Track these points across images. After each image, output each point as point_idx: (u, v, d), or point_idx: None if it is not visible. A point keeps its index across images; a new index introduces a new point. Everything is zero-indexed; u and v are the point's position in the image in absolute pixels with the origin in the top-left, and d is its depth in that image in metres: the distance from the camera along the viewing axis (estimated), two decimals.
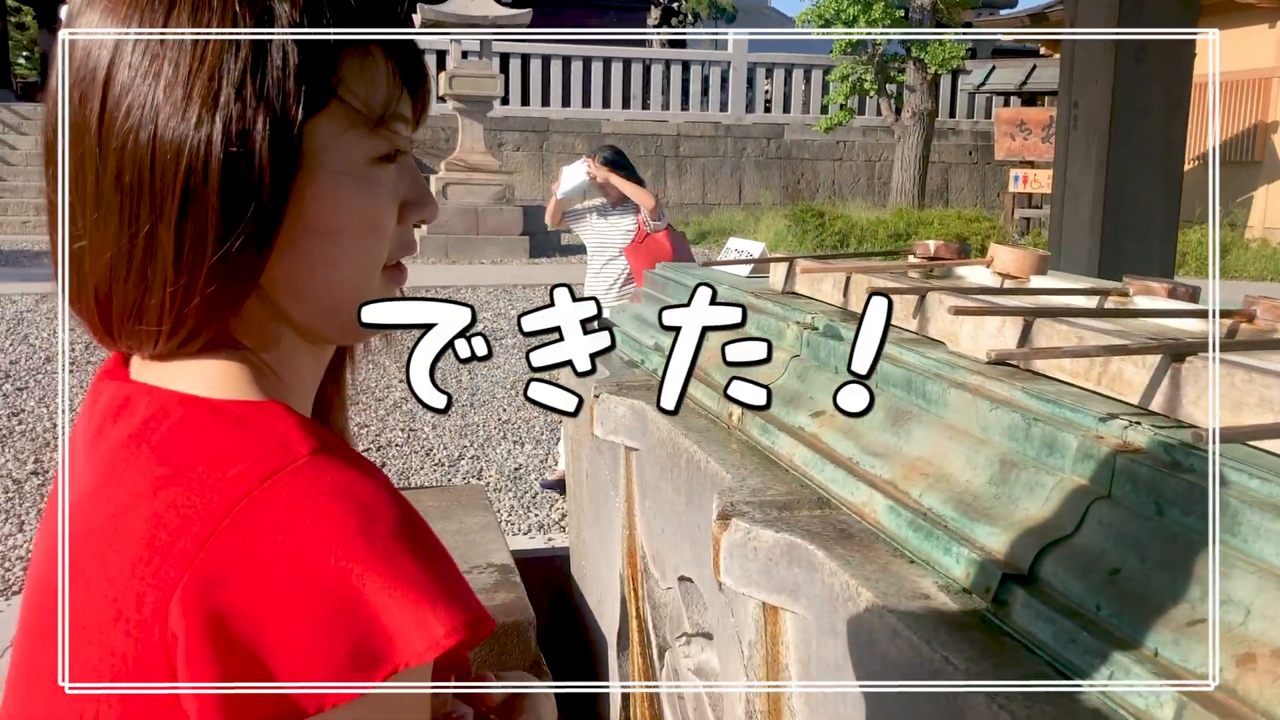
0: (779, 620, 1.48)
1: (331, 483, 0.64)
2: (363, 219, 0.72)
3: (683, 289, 2.53)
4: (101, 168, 0.67)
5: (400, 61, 0.73)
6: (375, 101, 0.71)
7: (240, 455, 0.64)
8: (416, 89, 0.75)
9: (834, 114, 16.47)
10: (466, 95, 13.52)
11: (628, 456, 2.24)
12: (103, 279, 0.69)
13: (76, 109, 0.68)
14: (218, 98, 0.65)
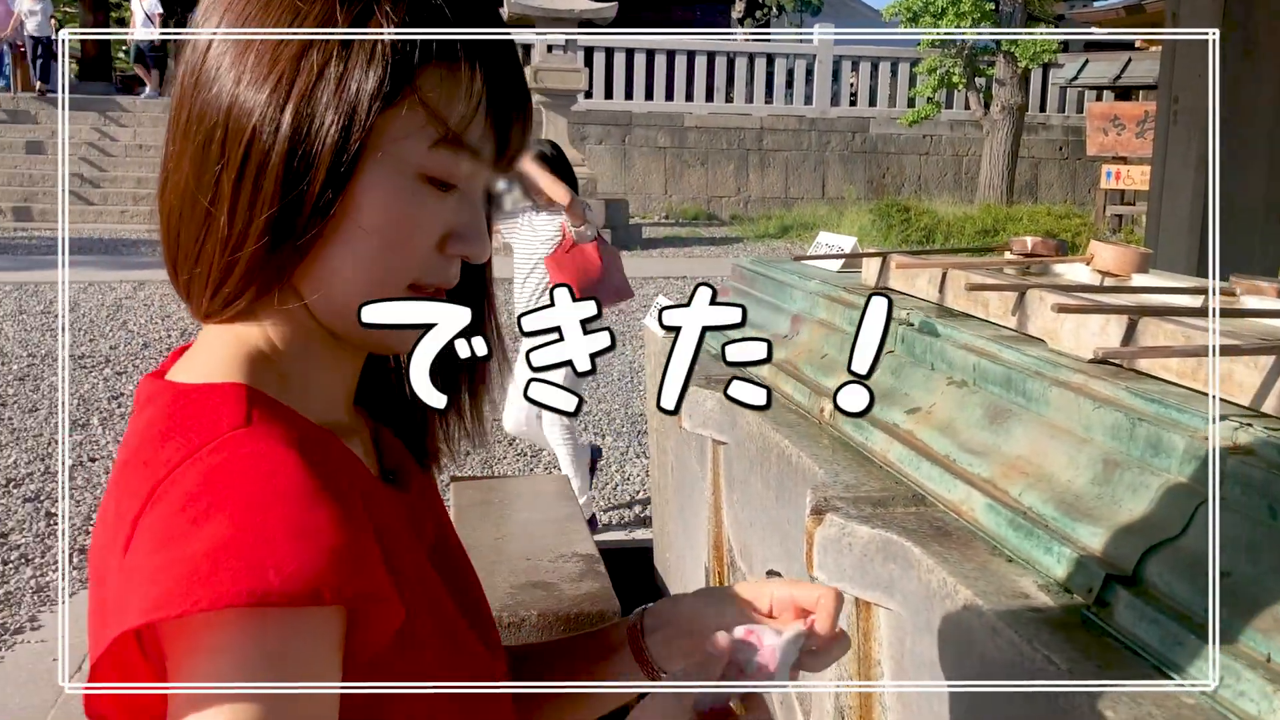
0: (871, 616, 1.47)
1: (239, 455, 0.67)
2: (393, 229, 0.73)
3: (773, 284, 2.53)
4: (191, 108, 0.74)
5: (493, 93, 0.74)
6: (447, 118, 0.72)
7: (177, 435, 0.69)
8: (505, 128, 0.75)
9: (921, 107, 16.25)
10: (551, 89, 13.61)
11: (715, 450, 2.25)
12: (174, 211, 0.75)
13: (186, 56, 0.75)
14: (296, 76, 0.70)
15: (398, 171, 0.72)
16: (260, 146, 0.71)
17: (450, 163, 0.74)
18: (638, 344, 8.40)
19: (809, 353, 2.12)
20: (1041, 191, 17.71)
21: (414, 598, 0.75)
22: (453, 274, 0.78)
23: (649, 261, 12.99)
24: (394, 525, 0.78)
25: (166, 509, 0.66)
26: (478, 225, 0.78)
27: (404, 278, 0.75)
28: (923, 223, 13.32)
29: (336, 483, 0.70)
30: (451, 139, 0.73)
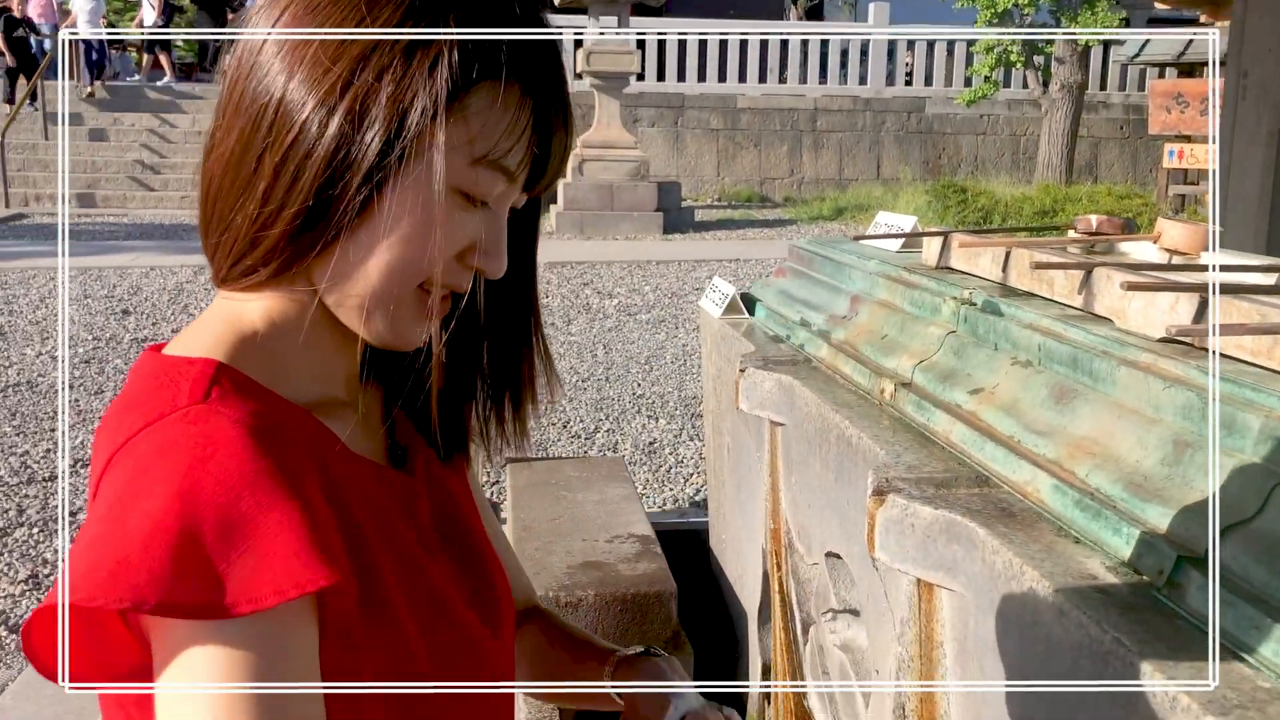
0: (934, 597, 1.46)
1: (195, 431, 0.69)
2: (418, 236, 0.75)
3: (831, 264, 2.51)
4: (246, 88, 0.75)
5: (539, 122, 0.76)
6: (488, 138, 0.75)
7: (142, 405, 0.72)
8: (545, 157, 0.78)
9: (978, 87, 16.02)
10: (604, 72, 13.60)
11: (773, 431, 2.24)
12: (214, 179, 0.77)
13: (246, 44, 0.77)
14: (353, 79, 0.72)
15: (433, 181, 0.74)
16: (306, 140, 0.73)
17: (487, 181, 0.76)
18: (690, 327, 8.39)
19: (869, 333, 2.10)
20: (1101, 171, 17.40)
21: (390, 571, 0.77)
22: (465, 282, 0.80)
23: (702, 244, 12.95)
24: (376, 500, 0.80)
25: (118, 478, 0.68)
26: (499, 242, 0.80)
27: (416, 280, 0.77)
28: (980, 203, 13.15)
29: (290, 462, 0.71)
30: (492, 160, 0.75)
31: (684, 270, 10.97)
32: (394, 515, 0.82)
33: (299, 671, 0.68)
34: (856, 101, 17.26)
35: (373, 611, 0.75)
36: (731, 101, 17.05)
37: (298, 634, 0.68)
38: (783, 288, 2.71)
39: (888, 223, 2.53)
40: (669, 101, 16.99)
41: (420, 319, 0.79)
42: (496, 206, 0.79)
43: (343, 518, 0.74)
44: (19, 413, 6.06)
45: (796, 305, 2.52)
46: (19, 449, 5.50)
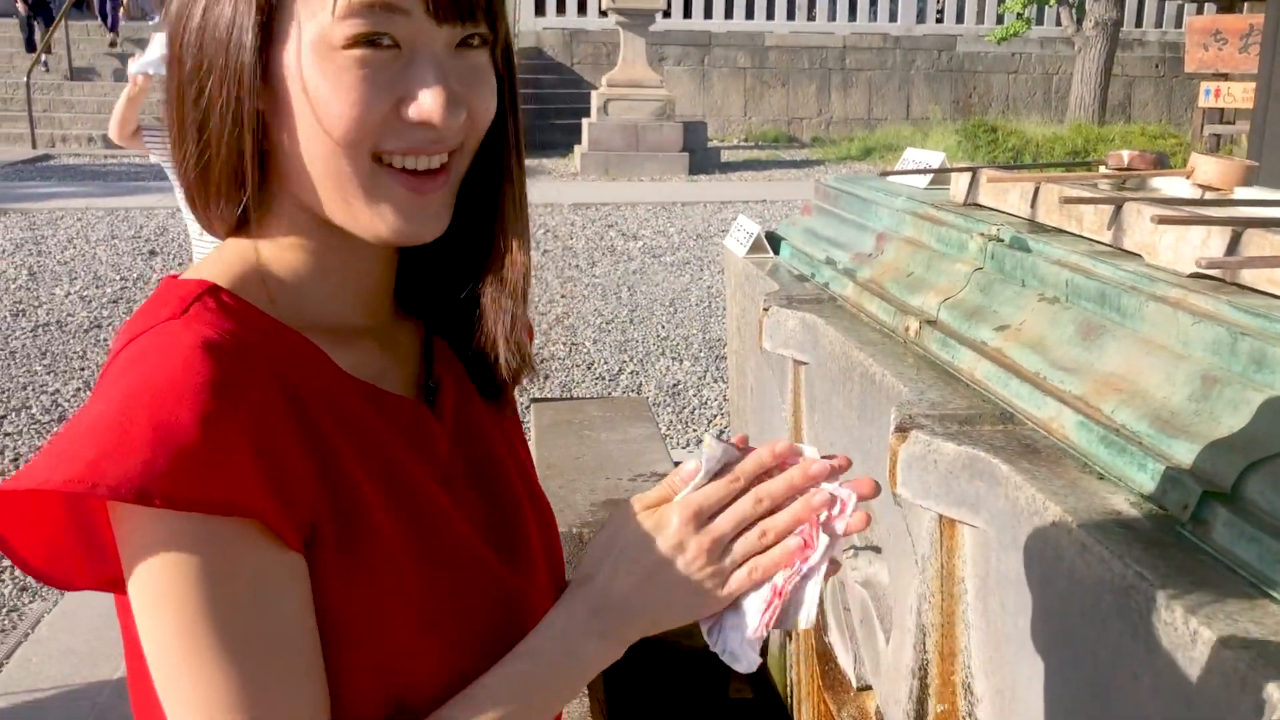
0: (956, 533, 1.46)
1: (159, 343, 0.71)
2: (323, 102, 0.72)
3: (857, 201, 2.48)
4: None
5: None
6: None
7: (138, 319, 0.75)
8: None
9: (1010, 24, 15.72)
10: (629, 9, 13.43)
11: (796, 370, 2.23)
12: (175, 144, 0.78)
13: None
14: None
15: (316, 44, 0.71)
16: (187, 44, 0.74)
17: (364, 24, 0.71)
18: (715, 269, 8.35)
19: (894, 271, 2.08)
20: (1135, 111, 17.11)
21: (373, 492, 0.76)
22: (422, 138, 0.75)
23: (728, 185, 12.86)
24: (369, 425, 0.79)
25: (98, 384, 0.73)
26: (427, 85, 0.73)
27: (361, 145, 0.73)
28: (1011, 143, 12.98)
29: (241, 379, 0.71)
30: (355, 9, 0.70)
31: (710, 211, 10.90)
32: (391, 442, 0.80)
33: (241, 592, 0.69)
34: (886, 39, 16.99)
35: (352, 533, 0.74)
36: (759, 39, 16.82)
37: (237, 555, 0.69)
38: (809, 226, 2.68)
39: (915, 159, 2.50)
40: (695, 40, 16.78)
41: (403, 199, 0.76)
42: (410, 47, 0.73)
43: (313, 440, 0.74)
44: (49, 352, 6.12)
45: (822, 243, 2.50)
46: (50, 387, 5.57)
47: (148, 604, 0.69)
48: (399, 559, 0.77)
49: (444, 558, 0.80)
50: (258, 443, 0.69)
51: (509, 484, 0.91)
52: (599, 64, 16.08)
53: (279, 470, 0.70)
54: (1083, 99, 15.33)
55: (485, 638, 0.81)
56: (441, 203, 0.78)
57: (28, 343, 6.26)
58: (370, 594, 0.75)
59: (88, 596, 3.26)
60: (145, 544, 0.68)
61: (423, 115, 0.73)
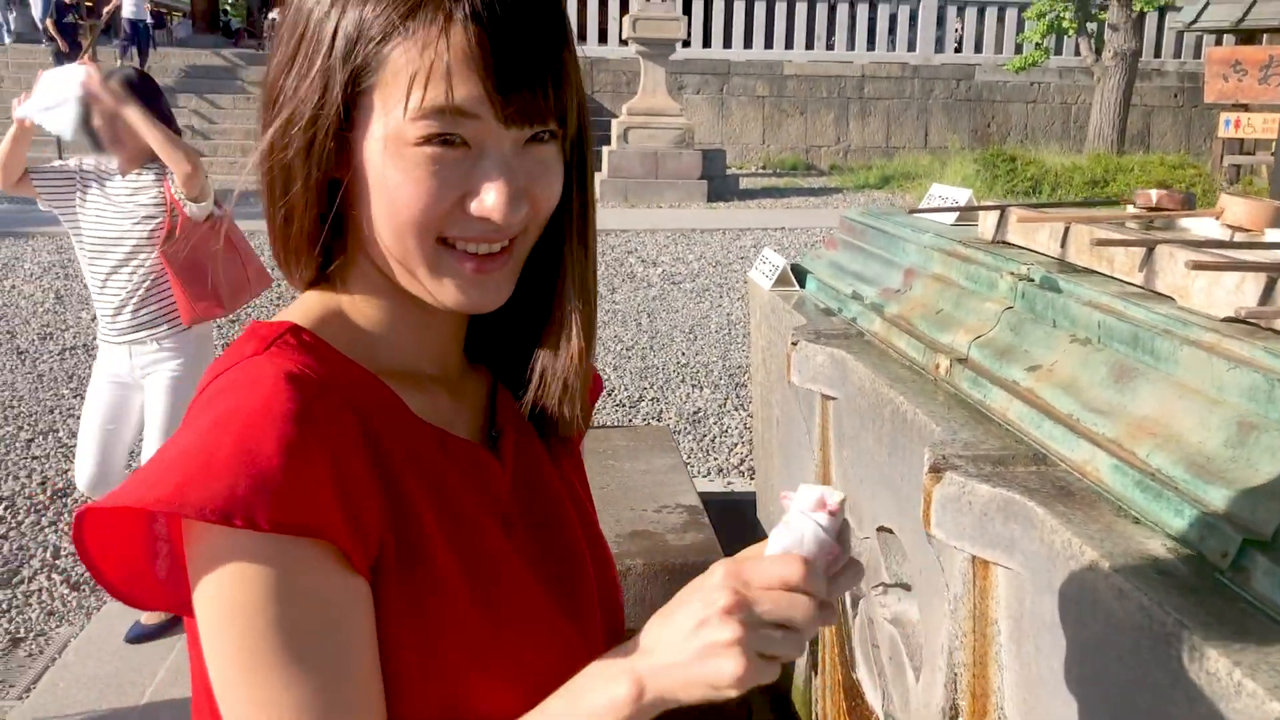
0: (989, 575, 1.46)
1: (245, 377, 0.76)
2: (395, 189, 0.76)
3: (884, 236, 2.50)
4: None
5: (474, 51, 0.73)
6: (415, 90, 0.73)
7: (227, 355, 0.81)
8: (507, 85, 0.74)
9: (1029, 54, 15.76)
10: (649, 38, 13.53)
11: (824, 405, 2.24)
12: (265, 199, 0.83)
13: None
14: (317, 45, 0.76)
15: (391, 137, 0.75)
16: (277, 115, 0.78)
17: (436, 125, 0.74)
18: (734, 296, 8.37)
19: (923, 307, 2.09)
20: (1154, 141, 17.10)
21: (438, 529, 0.79)
22: (484, 230, 0.78)
23: (746, 212, 12.89)
24: (435, 466, 0.82)
25: (188, 414, 0.77)
26: (492, 184, 0.76)
27: (427, 232, 0.77)
28: (1029, 173, 12.97)
29: (320, 411, 0.74)
30: (428, 112, 0.74)
31: (728, 238, 10.93)
32: (456, 483, 0.83)
33: (310, 612, 0.72)
34: (905, 68, 17.05)
35: (413, 564, 0.77)
36: (778, 68, 16.90)
37: (308, 575, 0.72)
38: (834, 260, 2.70)
39: (942, 195, 2.52)
40: (715, 68, 16.87)
41: (465, 276, 0.80)
42: (478, 146, 0.76)
43: (383, 471, 0.77)
44: (75, 375, 6.17)
45: (848, 278, 2.51)
46: (76, 411, 5.60)
47: (215, 620, 0.72)
48: (457, 594, 0.79)
49: (501, 597, 0.82)
50: (334, 470, 0.73)
51: (568, 528, 0.94)
52: (619, 92, 16.19)
53: (352, 497, 0.74)
54: (1101, 129, 15.33)
55: (538, 678, 0.82)
56: (503, 278, 0.82)
57: (54, 366, 6.31)
58: (427, 625, 0.77)
59: (113, 624, 3.28)
60: (219, 561, 0.71)
61: (485, 212, 0.77)
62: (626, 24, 13.48)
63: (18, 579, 3.91)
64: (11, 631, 3.57)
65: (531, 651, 0.83)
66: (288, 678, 0.70)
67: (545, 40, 0.76)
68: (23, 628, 3.60)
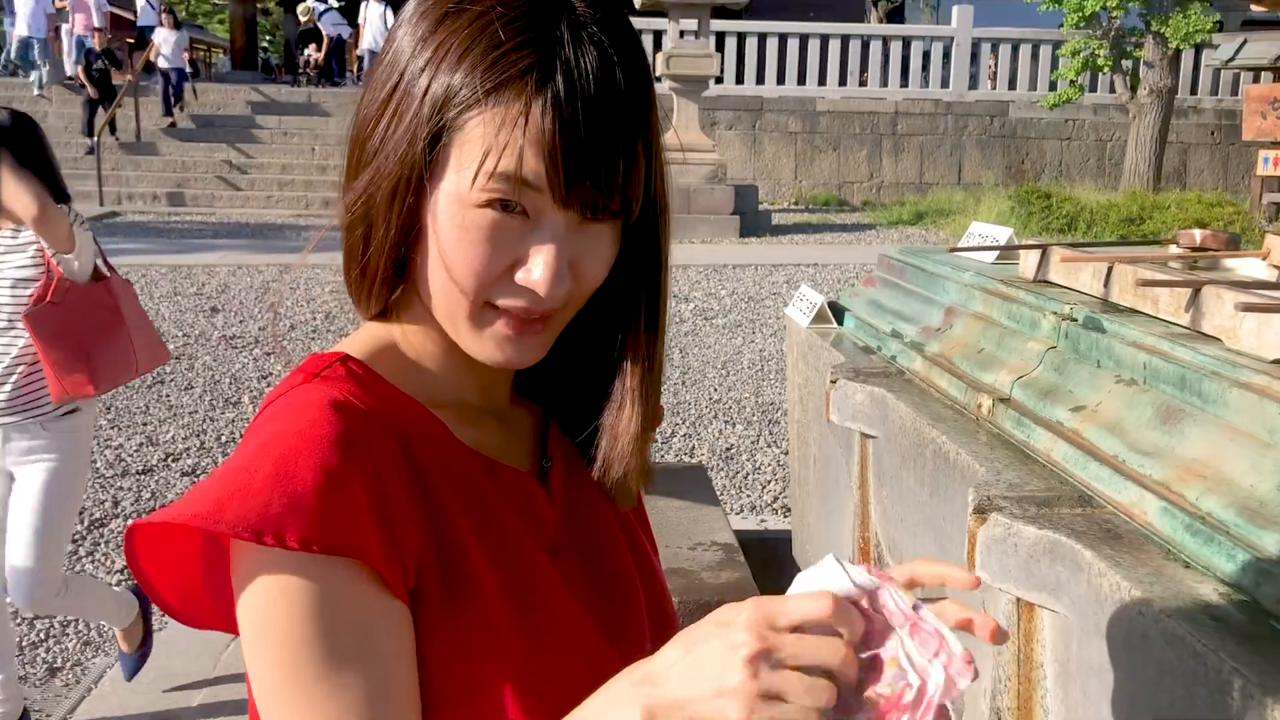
0: (1034, 617, 1.45)
1: (294, 402, 0.79)
2: (450, 248, 0.79)
3: (923, 274, 2.49)
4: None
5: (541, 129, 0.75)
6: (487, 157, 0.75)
7: (281, 385, 0.83)
8: (572, 166, 0.76)
9: (1063, 90, 15.71)
10: (683, 75, 13.61)
11: (863, 444, 2.23)
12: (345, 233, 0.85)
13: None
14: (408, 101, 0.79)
15: (454, 194, 0.77)
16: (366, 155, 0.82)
17: (499, 191, 0.76)
18: (767, 332, 8.36)
19: (964, 346, 2.08)
20: (1190, 178, 16.99)
21: (481, 555, 0.80)
22: (527, 300, 0.80)
23: (779, 248, 12.90)
24: (480, 493, 0.84)
25: (241, 439, 0.80)
26: (541, 257, 0.78)
27: (476, 294, 0.80)
28: (1065, 210, 12.90)
29: (362, 437, 0.77)
30: (494, 176, 0.76)
31: (761, 274, 10.93)
32: (503, 511, 0.85)
33: (345, 631, 0.73)
34: (938, 105, 17.06)
35: (455, 590, 0.79)
36: (810, 104, 16.95)
37: (343, 595, 0.73)
38: (872, 297, 2.69)
39: (982, 233, 2.51)
40: (747, 104, 16.95)
41: (503, 336, 0.82)
42: (535, 216, 0.78)
43: (426, 497, 0.79)
44: (113, 406, 6.24)
45: (887, 316, 2.51)
46: (114, 442, 5.67)
47: (254, 636, 0.74)
48: (500, 620, 0.80)
49: (544, 625, 0.83)
50: (372, 493, 0.75)
51: (619, 561, 0.95)
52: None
53: (391, 521, 0.75)
54: (1137, 166, 15.25)
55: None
56: (539, 342, 0.84)
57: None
58: (468, 651, 0.78)
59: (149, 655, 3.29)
60: (255, 578, 0.73)
61: (530, 284, 0.79)
62: (660, 61, 13.57)
63: None
64: (49, 661, 3.60)
65: (576, 683, 0.82)
66: (326, 690, 0.72)
67: (620, 131, 0.78)
68: (60, 658, 3.62)
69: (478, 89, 0.76)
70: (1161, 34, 14.54)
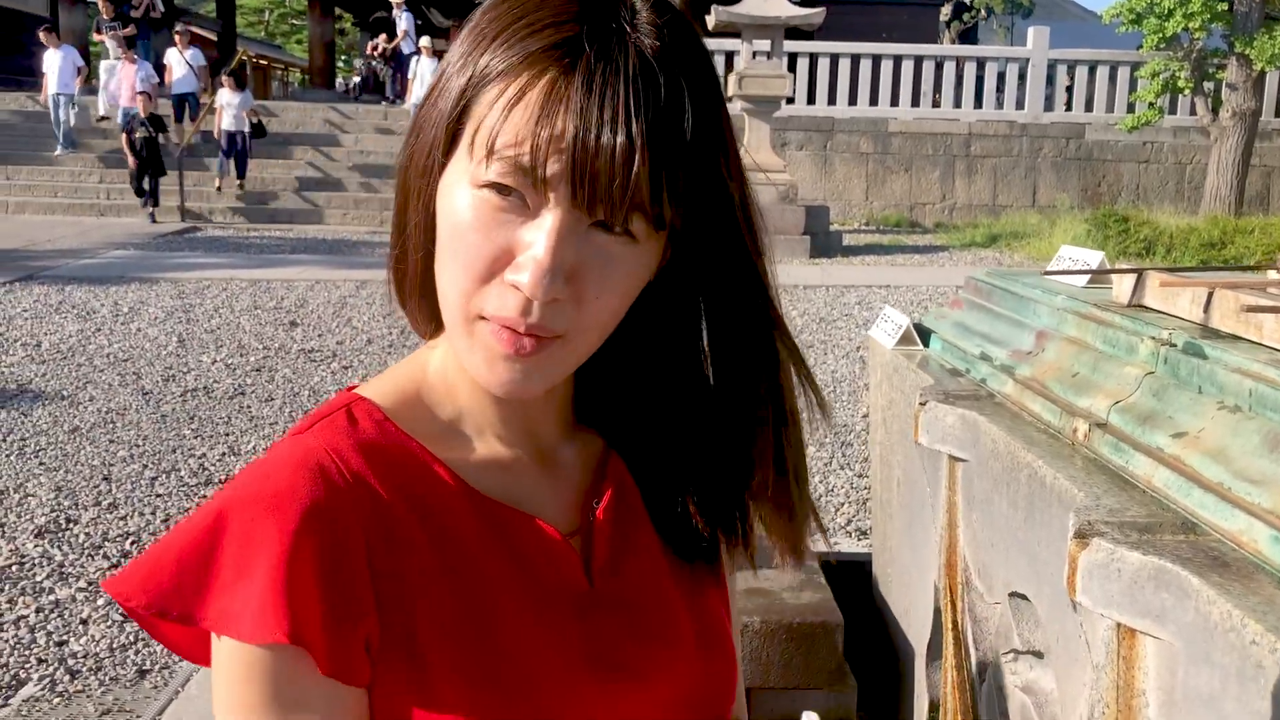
0: (1135, 644, 1.43)
1: (273, 462, 0.76)
2: (444, 237, 0.74)
3: (1012, 297, 2.48)
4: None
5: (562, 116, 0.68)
6: (490, 133, 0.70)
7: (303, 421, 0.80)
8: (583, 162, 0.69)
9: (1142, 113, 15.47)
10: (754, 95, 13.62)
11: (951, 466, 2.22)
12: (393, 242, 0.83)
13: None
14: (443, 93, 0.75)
15: (456, 180, 0.73)
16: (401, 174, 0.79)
17: (497, 174, 0.70)
18: (839, 353, 8.32)
19: (1058, 371, 2.06)
20: (1274, 202, 16.60)
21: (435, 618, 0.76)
22: (513, 305, 0.71)
23: (850, 269, 12.83)
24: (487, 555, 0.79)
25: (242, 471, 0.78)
26: (534, 251, 0.70)
27: (466, 291, 0.73)
28: (1142, 234, 12.69)
29: (331, 503, 0.73)
30: (496, 155, 0.70)
31: (832, 295, 10.88)
32: (497, 567, 0.79)
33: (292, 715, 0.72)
34: (1013, 126, 16.88)
35: (417, 659, 0.75)
36: (882, 125, 16.88)
37: (288, 681, 0.72)
38: (959, 319, 2.68)
39: (1072, 257, 2.49)
40: (819, 125, 16.91)
41: (495, 351, 0.73)
42: (536, 211, 0.71)
43: (397, 566, 0.75)
44: (196, 417, 6.39)
45: (975, 338, 2.50)
46: (197, 451, 5.80)
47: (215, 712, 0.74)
48: (456, 686, 0.75)
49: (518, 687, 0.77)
50: (322, 574, 0.72)
51: (668, 621, 0.87)
52: None
53: (343, 599, 0.72)
54: (1218, 190, 14.95)
55: None
56: (539, 366, 0.74)
57: (177, 407, 6.54)
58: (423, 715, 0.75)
59: None
60: (213, 652, 0.74)
61: (516, 281, 0.71)
62: (733, 81, 13.60)
63: None
64: (138, 664, 3.69)
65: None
66: None
67: (653, 133, 0.69)
68: (149, 660, 3.71)
69: (500, 63, 0.70)
70: (1245, 55, 14.26)
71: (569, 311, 0.72)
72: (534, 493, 0.84)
